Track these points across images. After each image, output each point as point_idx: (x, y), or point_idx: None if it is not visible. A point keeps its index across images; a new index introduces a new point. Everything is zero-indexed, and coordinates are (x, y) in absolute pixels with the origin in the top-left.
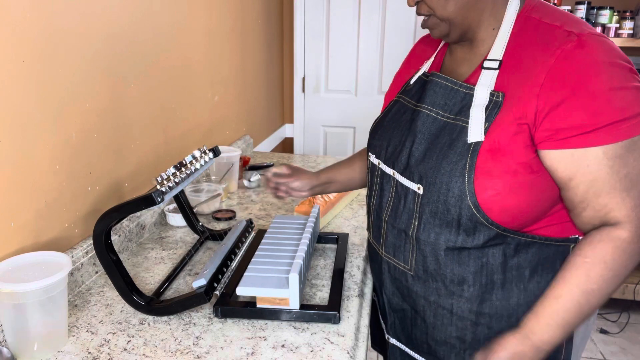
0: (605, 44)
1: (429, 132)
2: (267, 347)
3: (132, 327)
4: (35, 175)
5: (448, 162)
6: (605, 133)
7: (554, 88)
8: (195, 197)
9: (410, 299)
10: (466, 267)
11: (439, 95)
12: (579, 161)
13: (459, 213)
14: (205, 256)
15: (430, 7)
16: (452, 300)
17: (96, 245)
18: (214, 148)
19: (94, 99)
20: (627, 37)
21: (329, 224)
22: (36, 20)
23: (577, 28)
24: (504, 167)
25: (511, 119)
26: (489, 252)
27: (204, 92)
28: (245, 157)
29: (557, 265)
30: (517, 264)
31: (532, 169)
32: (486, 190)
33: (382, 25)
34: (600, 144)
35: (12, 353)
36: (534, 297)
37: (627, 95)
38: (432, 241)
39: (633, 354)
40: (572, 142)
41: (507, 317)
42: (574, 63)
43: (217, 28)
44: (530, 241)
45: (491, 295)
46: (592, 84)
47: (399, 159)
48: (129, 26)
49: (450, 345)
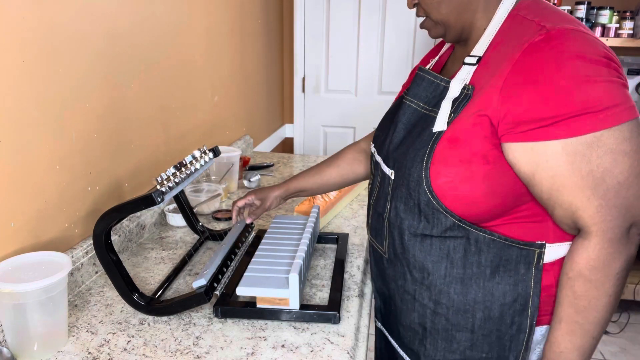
0: (578, 38)
1: (408, 122)
2: (267, 347)
3: (132, 327)
4: (35, 175)
5: (413, 149)
6: (565, 127)
7: (517, 81)
8: (195, 197)
9: (385, 282)
10: (427, 255)
11: (421, 88)
12: (539, 156)
13: (418, 198)
14: (205, 256)
15: (425, 10)
16: (415, 287)
17: (96, 245)
18: (214, 148)
19: (94, 99)
20: (627, 37)
21: (329, 224)
22: (36, 20)
23: (552, 23)
24: (459, 156)
25: (473, 110)
26: (450, 244)
27: (204, 92)
28: (245, 157)
29: (520, 269)
30: (477, 261)
31: (487, 160)
32: (440, 177)
33: (382, 25)
34: (559, 138)
35: (12, 353)
36: (492, 297)
37: (593, 89)
38: (399, 225)
39: (633, 354)
40: (531, 135)
41: (463, 312)
42: (539, 56)
43: (217, 28)
44: (490, 239)
45: (449, 288)
46: (554, 76)
47: (383, 147)
48: (129, 26)
49: (414, 332)
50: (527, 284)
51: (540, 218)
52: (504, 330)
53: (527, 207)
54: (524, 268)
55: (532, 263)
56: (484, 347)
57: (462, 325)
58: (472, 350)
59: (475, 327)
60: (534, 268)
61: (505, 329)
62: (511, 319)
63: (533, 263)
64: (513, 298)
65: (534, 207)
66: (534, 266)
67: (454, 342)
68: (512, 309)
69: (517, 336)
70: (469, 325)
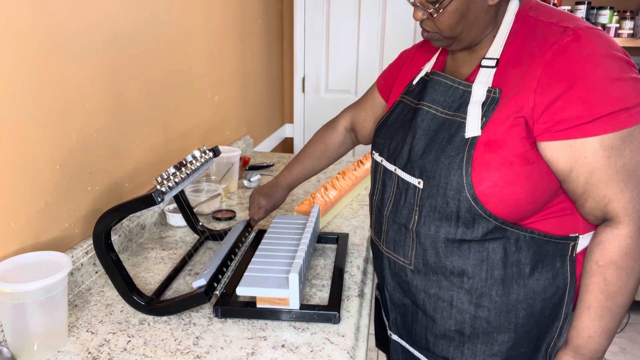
0: (601, 36)
1: (428, 128)
2: (267, 347)
3: (132, 327)
4: (35, 175)
5: (446, 156)
6: (603, 123)
7: (552, 81)
8: (195, 197)
9: (410, 293)
10: (466, 259)
11: (438, 93)
12: (578, 152)
13: (458, 205)
14: (205, 256)
15: (437, 27)
16: (452, 292)
17: (96, 245)
18: (214, 148)
19: (93, 99)
20: (627, 37)
21: (329, 224)
22: (36, 20)
23: (572, 23)
24: (501, 159)
25: (508, 113)
26: (489, 246)
27: (204, 92)
28: (245, 157)
29: (556, 263)
30: (517, 260)
31: (528, 160)
32: (483, 182)
33: (382, 25)
34: (597, 134)
35: (12, 353)
36: (533, 294)
37: (625, 86)
38: (432, 234)
39: (633, 354)
40: (570, 133)
41: (505, 312)
42: (571, 56)
43: (217, 28)
44: (529, 237)
45: (491, 290)
46: (589, 75)
47: (400, 155)
48: (130, 26)
49: (449, 339)
50: (565, 276)
51: (569, 211)
52: (544, 323)
53: (558, 201)
54: (559, 261)
55: (567, 255)
56: (524, 343)
57: (504, 326)
58: (513, 350)
59: (518, 325)
60: (568, 260)
61: (544, 321)
62: (550, 311)
63: (568, 255)
64: (553, 291)
65: (564, 201)
66: (568, 258)
67: (495, 345)
68: (552, 302)
69: (552, 325)
70: (512, 325)
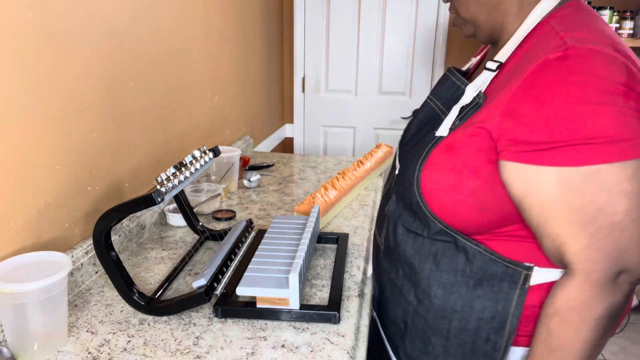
0: (597, 60)
1: (423, 119)
2: (267, 347)
3: (132, 327)
4: (36, 175)
5: (417, 148)
6: (562, 154)
7: (524, 97)
8: (195, 197)
9: (379, 273)
10: (416, 253)
11: (443, 88)
12: (532, 180)
13: (410, 198)
14: (205, 256)
15: (455, 7)
16: (404, 282)
17: (96, 245)
18: (214, 148)
19: (93, 99)
20: (627, 37)
21: (329, 224)
22: (36, 20)
23: (576, 40)
24: (450, 165)
25: (475, 121)
26: (439, 248)
27: (204, 92)
28: (245, 157)
29: (504, 288)
30: (462, 270)
31: (479, 174)
32: (430, 182)
33: (382, 25)
34: (554, 165)
35: (12, 353)
36: (470, 309)
37: (600, 118)
38: (395, 219)
39: (633, 354)
40: (527, 157)
41: (441, 317)
42: (550, 74)
43: (217, 28)
44: (477, 251)
45: (431, 290)
46: (560, 98)
47: (401, 141)
48: (129, 26)
49: (397, 326)
50: (508, 304)
51: (533, 240)
52: (479, 345)
53: (521, 227)
54: (507, 287)
55: (518, 283)
56: (457, 356)
57: (437, 330)
58: (446, 357)
59: (450, 335)
60: (518, 289)
61: (480, 343)
62: (487, 335)
63: (519, 284)
64: (492, 315)
65: (527, 228)
66: (518, 287)
67: (429, 345)
68: (489, 326)
69: (491, 354)
70: (444, 332)
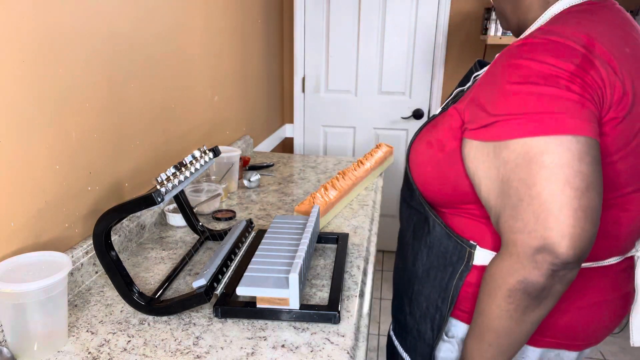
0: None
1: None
2: (267, 347)
3: (132, 327)
4: (35, 175)
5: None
6: (496, 129)
7: (482, 79)
8: (195, 197)
9: None
10: (405, 221)
11: (465, 78)
12: (477, 156)
13: (405, 169)
14: (205, 256)
15: None
16: (399, 249)
17: (96, 245)
18: (214, 148)
19: (93, 99)
20: None
21: (329, 224)
22: (36, 20)
23: (544, 32)
24: (427, 139)
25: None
26: (416, 218)
27: (204, 92)
28: (245, 157)
29: (452, 260)
30: (425, 240)
31: (443, 148)
32: (414, 153)
33: (382, 25)
34: (490, 139)
35: (12, 353)
36: (427, 277)
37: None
38: (401, 192)
39: (633, 354)
40: (474, 134)
41: (407, 280)
42: (503, 58)
43: (217, 28)
44: (437, 223)
45: (407, 253)
46: (502, 79)
47: None
48: (129, 26)
49: (396, 286)
50: (453, 276)
51: (487, 221)
52: (431, 311)
53: (478, 207)
54: (455, 261)
55: (464, 260)
56: (416, 317)
57: (405, 291)
58: (411, 317)
59: (413, 297)
60: (463, 265)
61: (431, 309)
62: (435, 302)
63: (464, 260)
64: (440, 285)
65: (484, 209)
66: (464, 263)
67: (402, 304)
68: (438, 294)
69: (438, 321)
70: (409, 294)
